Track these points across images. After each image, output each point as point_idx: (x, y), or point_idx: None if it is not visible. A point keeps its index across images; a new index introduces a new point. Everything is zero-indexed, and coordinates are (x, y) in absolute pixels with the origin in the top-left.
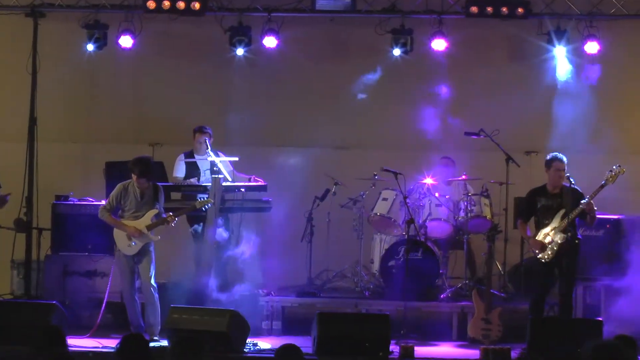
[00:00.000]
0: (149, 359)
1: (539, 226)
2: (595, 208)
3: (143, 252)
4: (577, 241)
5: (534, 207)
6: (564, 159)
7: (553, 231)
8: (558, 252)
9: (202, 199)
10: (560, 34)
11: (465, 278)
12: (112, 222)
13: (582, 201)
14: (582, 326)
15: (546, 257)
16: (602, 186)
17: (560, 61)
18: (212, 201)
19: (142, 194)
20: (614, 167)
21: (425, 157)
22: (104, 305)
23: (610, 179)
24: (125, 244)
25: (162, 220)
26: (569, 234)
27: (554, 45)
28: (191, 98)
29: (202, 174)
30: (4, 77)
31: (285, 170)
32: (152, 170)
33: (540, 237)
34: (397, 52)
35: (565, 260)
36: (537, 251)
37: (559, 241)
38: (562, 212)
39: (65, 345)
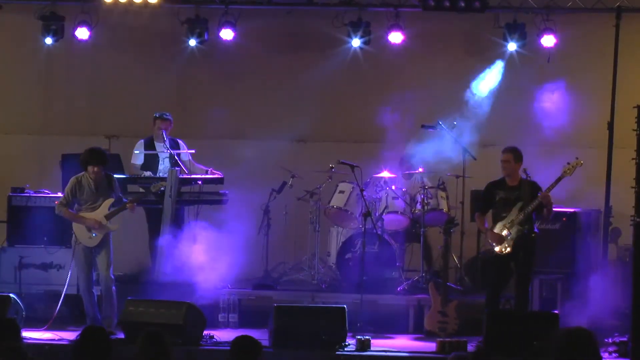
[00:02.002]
0: (110, 352)
1: (497, 219)
2: (552, 202)
3: (102, 244)
4: (533, 235)
5: (492, 199)
6: (515, 151)
7: (510, 224)
8: (515, 246)
9: (157, 184)
10: (516, 27)
11: (422, 271)
12: (70, 216)
13: (539, 194)
14: (538, 319)
15: (504, 250)
16: (560, 178)
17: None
18: (165, 184)
19: (96, 185)
20: (574, 159)
21: (382, 150)
22: (62, 297)
23: (568, 171)
24: (85, 236)
25: (121, 207)
26: (526, 227)
27: (508, 41)
28: (148, 90)
29: (160, 163)
30: None
31: (242, 162)
32: (106, 159)
33: (497, 229)
34: (356, 42)
35: (522, 253)
36: (494, 244)
37: (516, 234)
38: (519, 204)
39: (20, 339)
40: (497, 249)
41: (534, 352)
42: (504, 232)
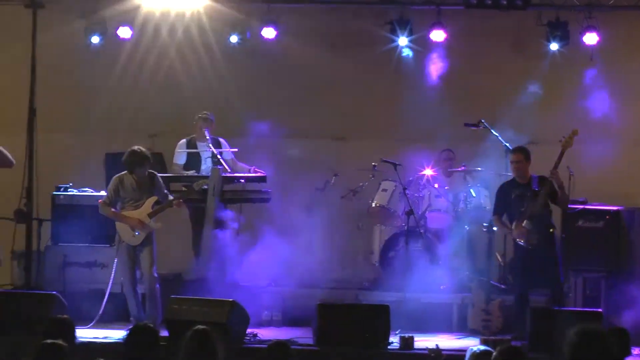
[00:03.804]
0: (159, 350)
1: (516, 215)
2: (561, 179)
3: (145, 243)
4: (552, 230)
5: (507, 199)
6: (525, 151)
7: (530, 216)
8: (539, 238)
9: (201, 182)
10: (558, 25)
11: (465, 269)
12: (113, 216)
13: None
14: (582, 317)
15: (532, 242)
16: (562, 153)
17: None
18: (208, 182)
19: (138, 183)
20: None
21: (425, 148)
22: (106, 296)
23: (566, 144)
24: (129, 235)
25: (165, 205)
26: (545, 219)
27: (550, 39)
28: (191, 89)
29: (202, 162)
30: (4, 68)
31: (285, 161)
32: (148, 160)
33: (519, 224)
34: (403, 41)
35: (546, 247)
36: (520, 239)
37: (537, 226)
38: (534, 196)
39: (74, 337)
40: (523, 243)
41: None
42: (526, 225)
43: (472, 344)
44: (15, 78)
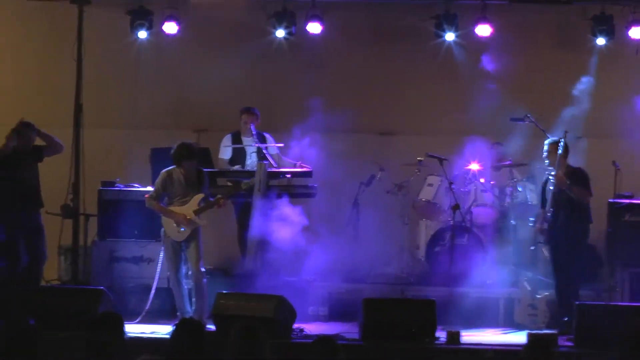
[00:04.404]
0: (204, 344)
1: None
2: (564, 181)
3: (191, 238)
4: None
5: (545, 193)
6: (552, 141)
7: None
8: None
9: (248, 181)
10: (604, 19)
11: (511, 264)
12: (159, 210)
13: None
14: (629, 312)
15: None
16: (561, 156)
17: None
18: (257, 185)
19: (186, 179)
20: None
21: (471, 143)
22: (152, 291)
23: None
24: (174, 231)
25: (211, 203)
26: (561, 212)
27: (596, 34)
28: (236, 83)
29: (248, 157)
30: (50, 64)
31: (331, 155)
32: (197, 154)
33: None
34: (450, 36)
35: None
36: (540, 231)
37: (553, 220)
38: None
39: (123, 333)
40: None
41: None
42: (545, 216)
43: (519, 338)
44: (62, 74)
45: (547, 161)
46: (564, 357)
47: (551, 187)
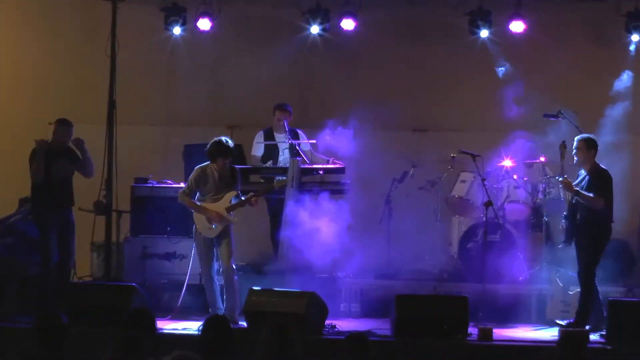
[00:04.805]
0: (233, 341)
1: None
2: (570, 188)
3: (223, 235)
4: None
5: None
6: (582, 137)
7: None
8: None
9: (280, 179)
10: (638, 15)
11: (544, 260)
12: (192, 206)
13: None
14: None
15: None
16: (562, 166)
17: None
18: (289, 182)
19: (220, 177)
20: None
21: (503, 139)
22: (184, 287)
23: (561, 156)
24: (206, 227)
25: (243, 201)
26: (579, 212)
27: (631, 30)
28: (269, 80)
29: (280, 154)
30: (84, 61)
31: (363, 152)
32: (232, 151)
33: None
34: (484, 33)
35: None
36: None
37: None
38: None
39: (154, 329)
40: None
41: None
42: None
43: (551, 335)
44: (96, 71)
45: (575, 158)
46: (596, 354)
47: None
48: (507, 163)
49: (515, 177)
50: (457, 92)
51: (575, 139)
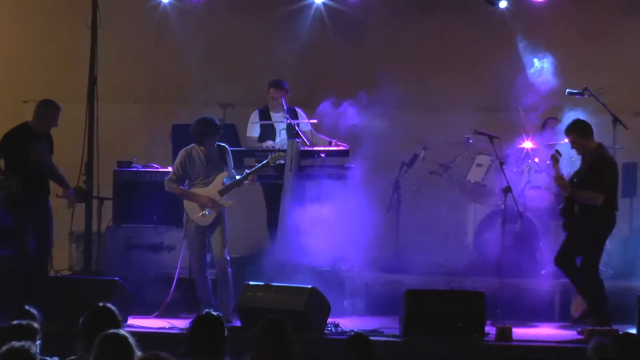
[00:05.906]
0: (225, 341)
1: None
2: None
3: (216, 222)
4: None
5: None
6: (566, 134)
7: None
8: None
9: (274, 155)
10: None
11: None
12: (181, 193)
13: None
14: None
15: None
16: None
17: None
18: (284, 156)
19: (207, 158)
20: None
21: (524, 119)
22: (174, 281)
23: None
24: (198, 215)
25: (238, 181)
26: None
27: None
28: (266, 56)
29: (277, 134)
30: (62, 32)
31: (369, 133)
32: (219, 129)
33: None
34: (503, 3)
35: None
36: None
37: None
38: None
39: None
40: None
41: None
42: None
43: (575, 335)
44: (75, 43)
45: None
46: None
47: None
48: (528, 145)
49: (537, 160)
50: (472, 67)
51: (564, 132)
